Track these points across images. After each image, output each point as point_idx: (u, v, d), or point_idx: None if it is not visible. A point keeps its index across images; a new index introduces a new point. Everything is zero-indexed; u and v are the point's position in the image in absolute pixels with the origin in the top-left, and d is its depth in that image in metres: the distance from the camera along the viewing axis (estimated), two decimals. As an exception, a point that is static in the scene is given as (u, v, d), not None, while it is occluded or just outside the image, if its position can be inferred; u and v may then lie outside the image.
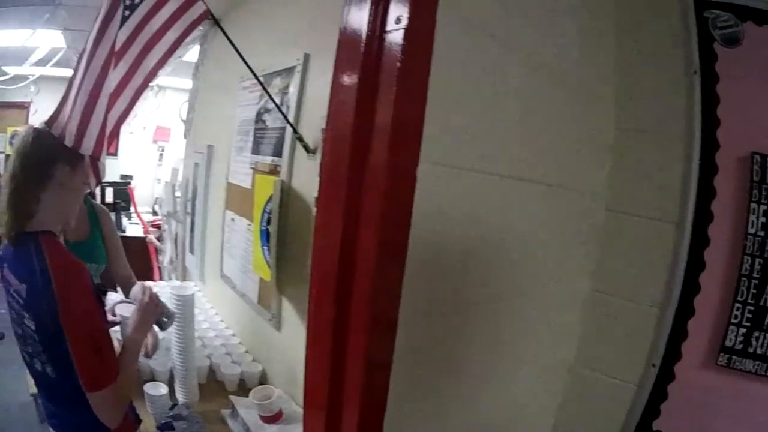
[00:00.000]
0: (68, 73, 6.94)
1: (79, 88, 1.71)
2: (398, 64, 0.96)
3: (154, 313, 1.80)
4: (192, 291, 2.07)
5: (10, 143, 8.07)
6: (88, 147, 1.70)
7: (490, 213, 1.16)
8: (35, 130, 1.64)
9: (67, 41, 5.09)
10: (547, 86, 1.12)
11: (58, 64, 5.63)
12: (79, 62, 1.77)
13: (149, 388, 1.96)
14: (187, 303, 1.99)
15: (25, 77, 6.49)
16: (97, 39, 1.70)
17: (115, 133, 1.87)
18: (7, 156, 7.80)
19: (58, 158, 1.61)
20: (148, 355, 2.02)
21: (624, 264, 1.31)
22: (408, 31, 0.94)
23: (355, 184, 1.00)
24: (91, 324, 1.55)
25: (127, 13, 1.79)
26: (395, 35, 0.96)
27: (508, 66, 1.13)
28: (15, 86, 6.61)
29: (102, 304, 1.61)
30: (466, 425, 1.26)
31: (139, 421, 1.81)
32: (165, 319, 1.83)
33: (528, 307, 1.15)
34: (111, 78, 1.75)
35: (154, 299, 1.77)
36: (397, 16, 0.97)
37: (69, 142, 1.69)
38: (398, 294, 1.09)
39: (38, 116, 7.32)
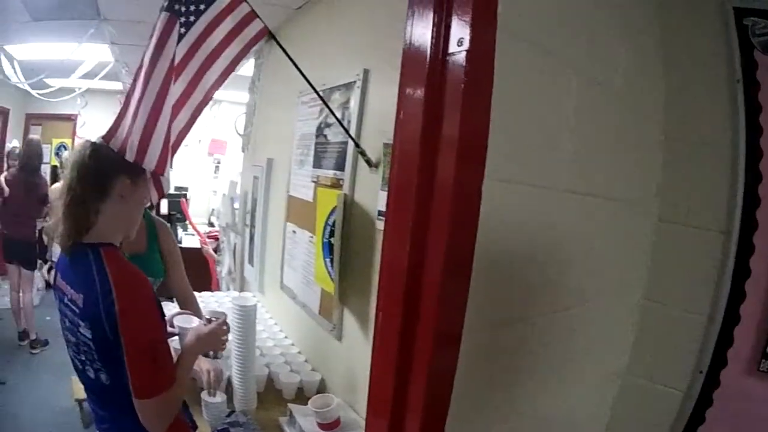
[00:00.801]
0: (115, 86, 7.07)
1: (139, 104, 1.75)
2: (462, 85, 1.04)
3: (220, 340, 1.85)
4: (253, 302, 2.14)
5: (56, 155, 8.38)
6: (150, 162, 1.76)
7: (547, 226, 1.21)
8: (92, 143, 1.69)
9: (114, 55, 5.29)
10: (599, 102, 1.17)
11: (105, 77, 5.82)
12: (135, 78, 1.83)
13: (206, 396, 2.04)
14: (248, 313, 2.06)
15: (71, 90, 6.65)
16: (154, 56, 1.76)
17: (176, 149, 1.91)
18: (53, 167, 8.00)
19: (119, 171, 1.66)
20: (211, 393, 2.07)
21: (674, 273, 1.35)
22: (470, 53, 1.02)
23: (422, 200, 1.08)
24: (151, 334, 1.60)
25: (183, 30, 1.84)
26: (458, 57, 1.04)
27: (563, 84, 1.19)
28: (61, 98, 6.85)
29: (163, 315, 1.67)
30: (522, 429, 1.31)
31: (195, 427, 1.89)
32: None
33: (583, 317, 1.19)
34: (171, 94, 1.80)
35: (225, 330, 1.85)
36: (459, 39, 1.04)
37: (130, 156, 1.74)
38: (464, 306, 1.16)
39: (86, 129, 7.73)
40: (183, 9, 1.81)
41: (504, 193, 1.14)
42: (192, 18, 1.85)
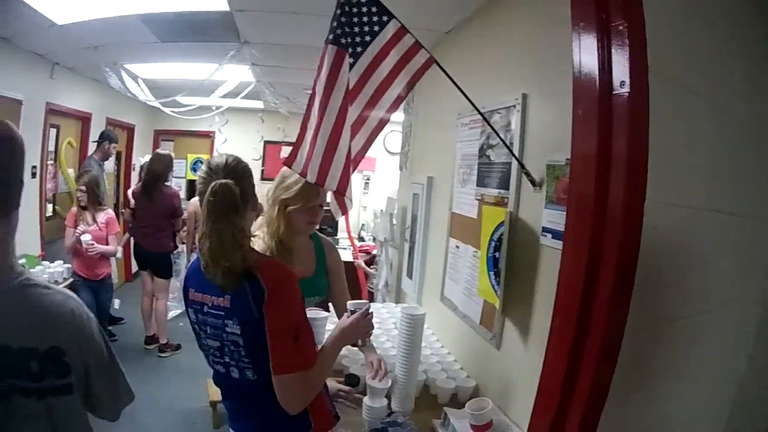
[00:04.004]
0: (255, 104, 7.69)
1: (317, 131, 1.94)
2: (627, 120, 1.28)
3: (364, 328, 2.00)
4: (422, 311, 2.33)
5: (192, 170, 9.04)
6: (332, 184, 1.98)
7: (682, 240, 1.35)
8: (236, 157, 1.84)
9: (255, 75, 5.64)
10: (728, 127, 1.25)
11: (246, 97, 6.24)
12: (309, 106, 2.01)
13: (369, 400, 2.22)
14: (417, 322, 2.26)
15: (209, 108, 7.05)
16: (327, 86, 1.93)
17: (352, 171, 2.06)
18: (189, 181, 8.65)
19: (253, 189, 1.84)
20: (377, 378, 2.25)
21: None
22: (631, 94, 1.27)
23: (597, 222, 1.33)
24: (295, 316, 1.75)
25: (351, 60, 1.99)
26: (622, 97, 1.29)
27: (698, 112, 1.33)
28: (200, 116, 7.22)
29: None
30: (642, 428, 1.45)
31: (337, 417, 2.02)
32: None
33: (706, 324, 1.27)
34: (348, 122, 1.97)
35: (368, 319, 2.01)
36: (621, 81, 1.29)
37: (312, 179, 1.97)
38: (626, 318, 1.37)
39: (227, 146, 8.10)
40: (349, 40, 1.97)
41: (651, 212, 1.33)
42: (359, 49, 2.00)
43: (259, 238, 2.37)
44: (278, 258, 2.21)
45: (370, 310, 2.04)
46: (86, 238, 4.79)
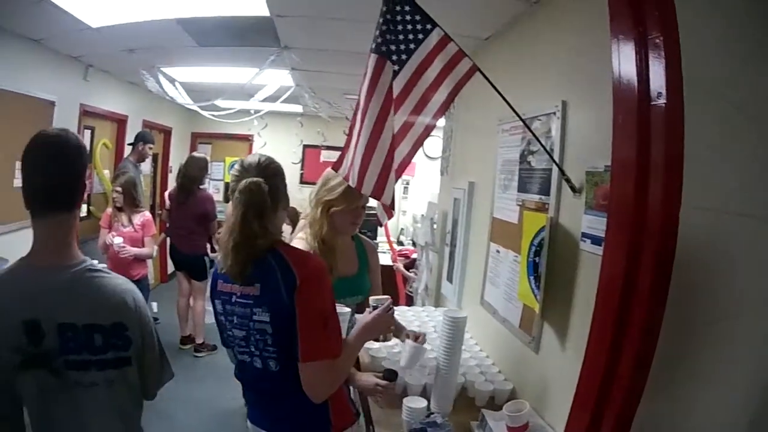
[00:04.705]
0: (295, 108, 7.77)
1: (358, 138, 2.01)
2: (663, 128, 1.35)
3: (385, 325, 2.10)
4: (464, 314, 2.40)
5: (230, 173, 9.39)
6: (368, 189, 2.03)
7: (719, 245, 1.39)
8: (268, 157, 1.95)
9: (295, 80, 5.71)
10: (761, 134, 1.29)
11: (286, 101, 6.24)
12: (355, 113, 2.09)
13: (408, 401, 2.27)
14: (458, 325, 2.33)
15: (248, 111, 7.16)
16: (368, 94, 1.98)
17: (399, 176, 2.11)
18: (227, 184, 8.41)
19: (284, 189, 1.94)
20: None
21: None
22: (667, 104, 1.34)
23: (635, 227, 1.42)
24: (325, 304, 1.81)
25: (396, 68, 2.03)
26: (659, 108, 1.36)
27: (731, 119, 1.37)
28: (239, 120, 7.32)
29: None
30: (668, 428, 1.50)
31: (358, 414, 2.07)
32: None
33: (737, 330, 1.31)
34: (388, 128, 2.00)
35: (389, 315, 2.09)
36: (658, 92, 1.36)
37: (353, 183, 2.05)
38: (661, 323, 1.45)
39: (266, 149, 8.02)
40: (393, 48, 2.02)
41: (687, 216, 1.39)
42: (404, 56, 2.04)
43: (302, 239, 2.51)
44: (322, 257, 2.29)
45: (392, 307, 2.11)
46: (117, 240, 4.81)
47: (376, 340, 2.33)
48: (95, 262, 1.71)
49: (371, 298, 2.18)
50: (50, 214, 1.61)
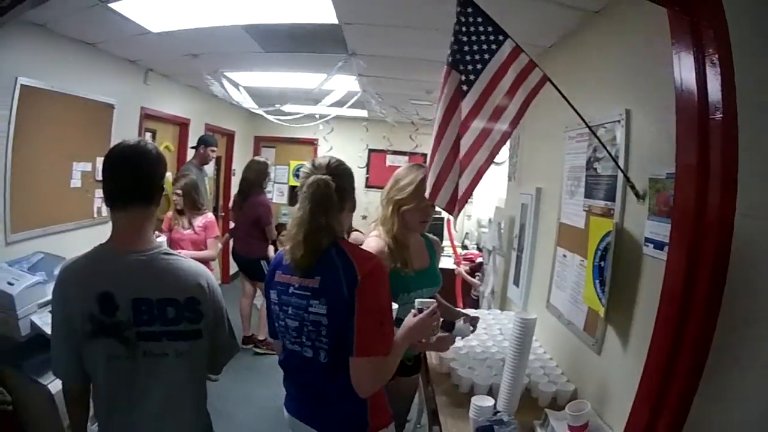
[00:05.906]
0: (360, 113, 8.13)
1: (435, 152, 2.13)
2: (720, 140, 1.47)
3: (429, 328, 2.15)
4: (534, 316, 2.47)
5: (295, 176, 9.22)
6: (442, 202, 2.15)
7: (757, 247, 1.49)
8: (339, 159, 2.05)
9: (361, 85, 5.75)
10: None
11: (351, 106, 6.28)
12: (435, 130, 2.17)
13: (476, 400, 2.37)
14: (528, 326, 2.41)
15: (313, 116, 7.10)
16: (443, 108, 2.09)
17: (476, 182, 2.17)
18: (291, 187, 8.94)
19: (352, 191, 2.05)
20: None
21: None
22: (724, 118, 1.46)
23: (694, 234, 1.55)
24: (384, 302, 1.87)
25: (465, 87, 2.08)
26: (717, 121, 1.48)
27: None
28: (305, 125, 7.33)
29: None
30: (719, 426, 1.58)
31: (392, 418, 2.10)
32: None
33: None
34: (462, 145, 2.09)
35: (434, 318, 2.15)
36: (715, 107, 1.47)
37: (427, 194, 2.17)
38: (715, 324, 1.57)
39: (332, 154, 8.13)
40: (467, 58, 2.08)
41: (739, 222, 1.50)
42: (479, 66, 2.08)
43: (376, 236, 2.68)
44: (396, 253, 2.53)
45: (437, 311, 2.19)
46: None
47: (420, 342, 2.40)
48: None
49: (417, 301, 2.25)
50: (129, 207, 1.83)
